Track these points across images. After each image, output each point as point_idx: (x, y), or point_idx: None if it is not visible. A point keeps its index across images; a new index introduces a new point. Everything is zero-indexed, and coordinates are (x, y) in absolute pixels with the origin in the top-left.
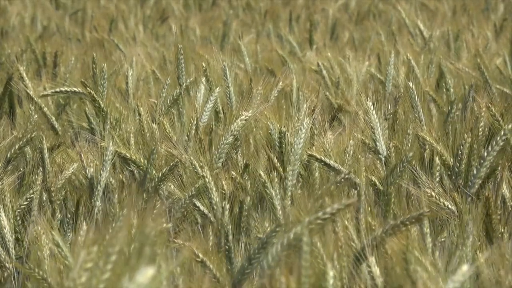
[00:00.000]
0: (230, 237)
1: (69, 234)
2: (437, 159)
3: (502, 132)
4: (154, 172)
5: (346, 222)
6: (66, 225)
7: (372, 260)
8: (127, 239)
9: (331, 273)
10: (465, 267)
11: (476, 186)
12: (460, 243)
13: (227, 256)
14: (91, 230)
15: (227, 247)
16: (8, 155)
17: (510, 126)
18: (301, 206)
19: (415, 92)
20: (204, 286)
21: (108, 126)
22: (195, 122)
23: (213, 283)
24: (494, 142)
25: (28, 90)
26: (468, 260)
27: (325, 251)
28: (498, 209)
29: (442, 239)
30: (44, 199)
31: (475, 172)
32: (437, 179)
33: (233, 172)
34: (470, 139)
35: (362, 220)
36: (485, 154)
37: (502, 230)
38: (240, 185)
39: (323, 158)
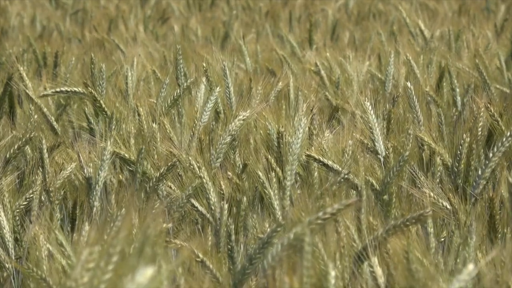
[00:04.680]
0: (233, 236)
1: (67, 234)
2: (436, 159)
3: (509, 133)
4: (152, 172)
5: (348, 222)
6: (66, 225)
7: (374, 260)
8: (128, 239)
9: (332, 273)
10: (470, 266)
11: (481, 187)
12: (461, 243)
13: (229, 255)
14: (91, 230)
15: (229, 246)
16: (8, 155)
17: None
18: (301, 206)
19: (413, 92)
20: (205, 286)
21: (107, 126)
22: (197, 122)
23: (213, 283)
24: (499, 143)
25: (27, 91)
26: (471, 260)
27: (326, 251)
28: (498, 210)
29: (442, 239)
30: (43, 199)
31: (479, 172)
32: (438, 179)
33: (229, 173)
34: (469, 139)
35: (363, 220)
36: (491, 154)
37: (505, 230)
38: (237, 185)
39: (321, 159)
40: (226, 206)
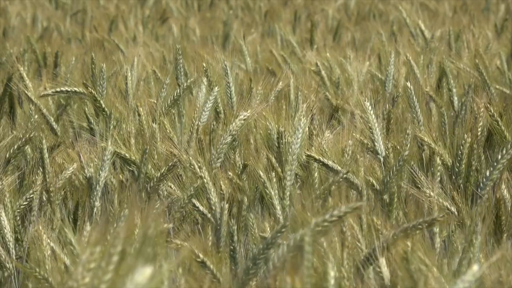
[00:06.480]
0: (236, 237)
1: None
2: (437, 160)
3: None
4: (153, 172)
5: (352, 222)
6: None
7: (382, 261)
8: (129, 240)
9: (332, 273)
10: (475, 267)
11: (488, 188)
12: (466, 244)
13: (231, 256)
14: (92, 230)
15: (231, 247)
16: (8, 155)
17: None
18: (306, 207)
19: (413, 92)
20: (205, 286)
21: (108, 126)
22: (196, 122)
23: (214, 283)
24: (509, 145)
25: (27, 91)
26: (476, 260)
27: (330, 251)
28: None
29: (442, 239)
30: (44, 199)
31: (487, 174)
32: (438, 179)
33: (230, 173)
34: (470, 139)
35: (367, 220)
36: (499, 156)
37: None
38: (237, 185)
39: (321, 159)
40: (226, 206)
